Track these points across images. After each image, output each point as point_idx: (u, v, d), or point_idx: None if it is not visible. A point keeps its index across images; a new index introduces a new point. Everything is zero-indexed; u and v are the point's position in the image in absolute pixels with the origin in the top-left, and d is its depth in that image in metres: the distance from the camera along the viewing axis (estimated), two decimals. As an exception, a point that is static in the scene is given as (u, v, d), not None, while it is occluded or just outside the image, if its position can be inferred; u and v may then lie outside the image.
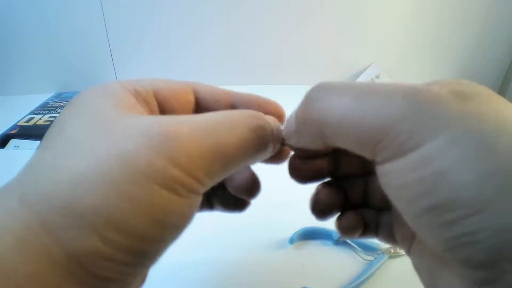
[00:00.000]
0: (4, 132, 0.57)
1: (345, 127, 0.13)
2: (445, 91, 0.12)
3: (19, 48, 0.67)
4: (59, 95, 0.70)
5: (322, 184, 0.20)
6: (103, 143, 0.12)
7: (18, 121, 0.60)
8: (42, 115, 0.62)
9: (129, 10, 0.65)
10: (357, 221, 0.20)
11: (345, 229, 0.20)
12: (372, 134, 0.13)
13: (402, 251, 0.33)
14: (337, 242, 0.35)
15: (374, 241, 0.34)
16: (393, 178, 0.13)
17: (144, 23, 0.67)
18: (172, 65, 0.70)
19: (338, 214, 0.21)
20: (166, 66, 0.70)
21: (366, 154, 0.14)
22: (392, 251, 0.33)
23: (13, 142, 0.55)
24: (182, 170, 0.12)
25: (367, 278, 0.31)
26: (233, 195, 0.21)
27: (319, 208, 0.20)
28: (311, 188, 0.20)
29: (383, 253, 0.33)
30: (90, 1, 0.64)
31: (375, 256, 0.33)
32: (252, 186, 0.21)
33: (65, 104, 0.66)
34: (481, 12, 0.67)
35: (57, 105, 0.65)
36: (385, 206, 0.20)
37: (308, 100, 0.15)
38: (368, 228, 0.21)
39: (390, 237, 0.20)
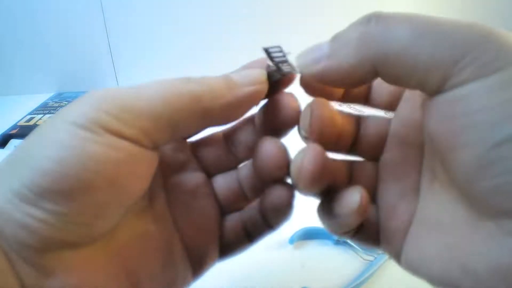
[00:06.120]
0: (4, 132, 0.57)
1: (415, 50, 0.13)
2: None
3: (19, 48, 0.67)
4: (59, 95, 0.70)
5: None
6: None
7: (18, 121, 0.60)
8: (42, 115, 0.62)
9: (129, 10, 0.65)
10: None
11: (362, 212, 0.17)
12: (450, 53, 0.12)
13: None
14: (337, 242, 0.35)
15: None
16: (472, 101, 0.12)
17: (144, 22, 0.67)
18: (173, 65, 0.70)
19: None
20: (167, 66, 0.70)
21: (430, 80, 0.13)
22: (392, 251, 0.33)
23: (13, 142, 0.55)
24: (99, 110, 0.13)
25: (367, 278, 0.31)
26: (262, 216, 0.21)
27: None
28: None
29: (383, 253, 0.33)
30: (90, 1, 0.64)
31: (375, 256, 0.33)
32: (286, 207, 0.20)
33: (65, 104, 0.66)
34: (480, 12, 0.67)
35: (57, 105, 0.65)
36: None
37: (367, 22, 0.15)
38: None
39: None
